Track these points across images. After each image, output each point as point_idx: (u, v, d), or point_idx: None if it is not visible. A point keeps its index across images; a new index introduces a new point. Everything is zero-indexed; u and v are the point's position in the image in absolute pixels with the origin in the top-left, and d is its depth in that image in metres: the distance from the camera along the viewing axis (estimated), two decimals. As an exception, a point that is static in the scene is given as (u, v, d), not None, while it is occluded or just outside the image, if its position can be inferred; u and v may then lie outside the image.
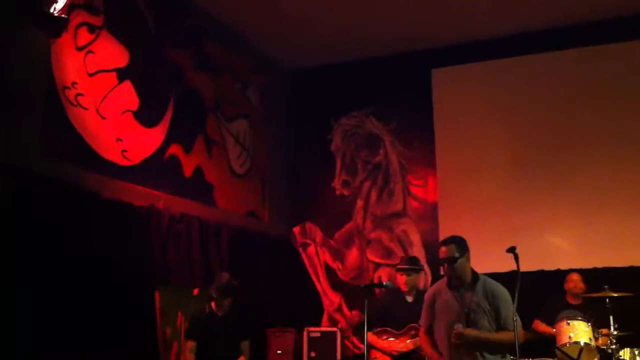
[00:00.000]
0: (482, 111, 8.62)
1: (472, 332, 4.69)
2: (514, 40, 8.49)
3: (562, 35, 8.27)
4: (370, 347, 5.94)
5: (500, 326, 4.76)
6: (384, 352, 5.88)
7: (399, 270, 6.21)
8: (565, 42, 8.28)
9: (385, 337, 5.95)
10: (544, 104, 8.32)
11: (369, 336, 5.88)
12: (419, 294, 6.04)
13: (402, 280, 6.12)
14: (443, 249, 4.82)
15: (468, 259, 4.86)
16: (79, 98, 6.02)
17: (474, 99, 8.71)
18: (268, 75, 9.33)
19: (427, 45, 8.84)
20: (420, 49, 8.92)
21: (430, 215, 8.73)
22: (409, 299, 6.08)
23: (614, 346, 6.02)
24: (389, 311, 6.06)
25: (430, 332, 5.03)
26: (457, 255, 4.77)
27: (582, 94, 8.18)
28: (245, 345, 5.97)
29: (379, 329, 5.99)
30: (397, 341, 5.85)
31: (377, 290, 8.34)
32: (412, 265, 6.21)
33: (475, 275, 4.88)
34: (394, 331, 5.92)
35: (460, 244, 4.86)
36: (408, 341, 5.81)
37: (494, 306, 4.74)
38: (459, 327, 4.70)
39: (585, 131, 8.07)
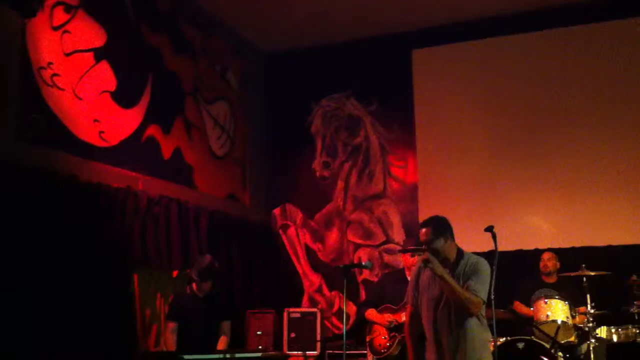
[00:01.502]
0: (462, 92, 8.62)
1: (437, 263, 4.58)
2: (494, 20, 8.48)
3: (542, 15, 8.27)
4: (372, 322, 6.03)
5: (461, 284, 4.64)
6: (379, 323, 5.97)
7: (407, 251, 6.17)
8: (546, 23, 8.28)
9: (385, 313, 6.04)
10: (524, 85, 8.34)
11: (371, 312, 6.02)
12: None
13: (412, 262, 6.07)
14: (422, 230, 4.75)
15: (450, 237, 4.76)
16: (55, 78, 5.95)
17: (454, 79, 8.70)
18: (247, 59, 9.28)
19: (407, 26, 8.80)
20: (401, 30, 8.88)
21: (410, 196, 8.75)
22: (410, 277, 6.13)
23: (590, 324, 6.09)
24: (388, 291, 6.12)
25: (416, 313, 4.91)
26: (432, 237, 4.69)
27: (562, 74, 8.20)
28: (226, 325, 5.97)
29: (381, 307, 6.06)
30: (393, 315, 5.93)
31: (361, 270, 8.43)
32: (418, 246, 6.22)
33: (459, 253, 4.80)
34: (393, 307, 6.00)
35: (439, 224, 4.75)
36: (402, 314, 5.87)
37: (466, 277, 4.64)
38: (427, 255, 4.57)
39: (565, 112, 8.11)
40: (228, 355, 5.20)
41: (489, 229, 4.76)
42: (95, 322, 5.77)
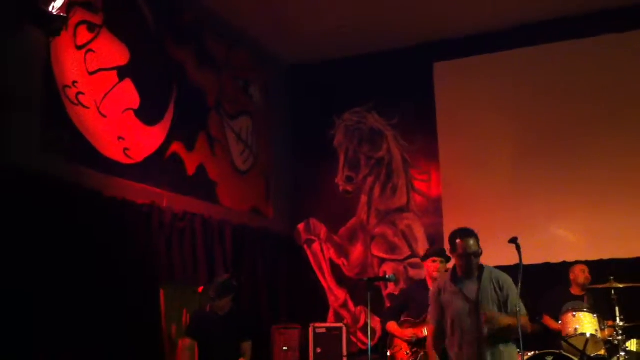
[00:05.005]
0: (484, 104, 8.58)
1: (494, 313, 4.62)
2: (515, 32, 8.44)
3: (565, 26, 8.21)
4: (393, 336, 6.03)
5: (509, 312, 4.70)
6: (401, 338, 5.93)
7: (427, 258, 6.18)
8: (569, 33, 8.22)
9: (406, 326, 6.00)
10: (548, 96, 8.27)
11: (393, 325, 6.04)
12: None
13: (434, 267, 6.08)
14: (469, 241, 4.73)
15: None
16: (80, 97, 6.00)
17: (476, 91, 8.67)
18: (269, 72, 9.31)
19: (428, 38, 8.80)
20: (422, 42, 8.88)
21: (434, 209, 8.70)
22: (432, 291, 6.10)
23: (620, 337, 5.99)
24: (412, 302, 6.09)
25: (438, 333, 4.94)
26: (480, 249, 4.75)
27: (586, 85, 8.12)
28: (246, 346, 5.95)
29: (402, 320, 6.03)
30: (413, 329, 5.90)
31: (387, 283, 8.38)
32: (443, 254, 6.20)
33: (480, 266, 4.84)
34: (414, 320, 5.98)
35: (477, 236, 4.82)
36: (425, 329, 5.83)
37: (502, 293, 4.68)
38: (484, 314, 4.61)
39: (590, 123, 8.03)
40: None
41: (513, 241, 4.75)
42: (122, 337, 5.80)
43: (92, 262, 5.67)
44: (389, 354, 6.00)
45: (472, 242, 4.75)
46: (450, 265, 5.22)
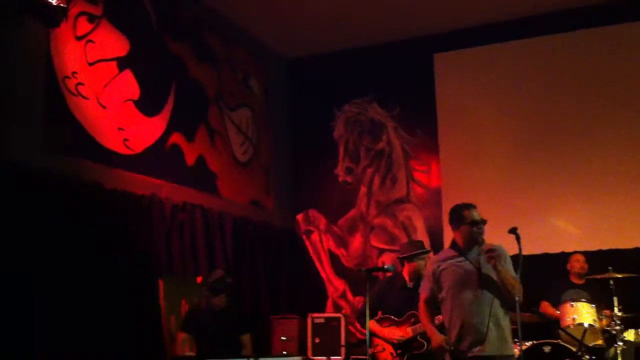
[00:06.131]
0: (484, 95, 8.59)
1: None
2: (516, 23, 8.43)
3: (566, 17, 8.20)
4: (372, 334, 5.89)
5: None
6: (385, 339, 5.86)
7: (413, 259, 6.03)
8: (570, 25, 8.21)
9: (386, 324, 5.93)
10: (548, 87, 8.28)
11: (372, 324, 5.83)
12: (419, 281, 5.85)
13: (421, 265, 5.93)
14: (475, 211, 4.92)
15: None
16: (80, 87, 6.02)
17: (476, 83, 8.67)
18: (269, 65, 9.32)
19: (429, 30, 8.79)
20: (422, 33, 8.87)
21: (434, 201, 8.71)
22: (409, 284, 6.03)
23: (618, 327, 6.02)
24: (387, 296, 6.03)
25: (431, 302, 5.01)
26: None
27: (586, 76, 8.12)
28: (245, 338, 5.99)
29: (379, 317, 5.97)
30: (397, 329, 5.83)
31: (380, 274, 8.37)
32: (416, 250, 6.12)
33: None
34: (394, 319, 5.90)
35: None
36: (408, 329, 5.79)
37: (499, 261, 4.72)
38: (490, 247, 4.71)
39: (589, 114, 8.03)
40: (252, 360, 5.20)
41: (513, 231, 4.77)
42: (122, 328, 5.83)
43: (92, 255, 5.70)
44: (369, 353, 5.85)
45: (476, 212, 4.90)
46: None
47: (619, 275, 6.15)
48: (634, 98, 7.85)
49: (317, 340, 7.86)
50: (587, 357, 5.96)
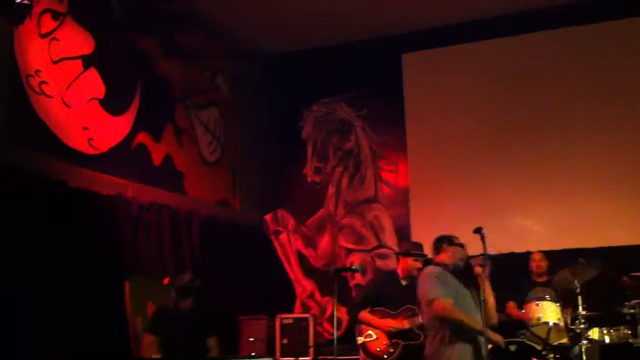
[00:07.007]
0: (452, 95, 8.63)
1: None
2: (483, 24, 8.50)
3: (532, 18, 8.28)
4: (366, 324, 5.96)
5: None
6: (380, 328, 5.89)
7: (409, 256, 6.11)
8: (537, 25, 8.30)
9: (380, 315, 5.98)
10: (514, 87, 8.36)
11: (364, 314, 5.95)
12: (413, 279, 5.96)
13: (413, 265, 6.01)
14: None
15: None
16: (43, 86, 5.93)
17: (444, 83, 8.71)
18: (238, 63, 9.26)
19: (397, 30, 8.80)
20: (390, 34, 8.88)
21: (401, 200, 8.74)
22: (404, 282, 6.09)
23: (582, 326, 6.08)
24: (385, 292, 6.08)
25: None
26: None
27: (551, 76, 8.22)
28: (212, 341, 5.94)
29: (375, 309, 6.02)
30: (393, 320, 5.88)
31: (355, 274, 8.41)
32: (414, 250, 6.19)
33: None
34: (389, 311, 5.95)
35: None
36: (405, 320, 5.84)
37: None
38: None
39: (555, 114, 8.11)
40: (219, 362, 5.16)
41: (478, 231, 4.80)
42: (86, 329, 5.74)
43: (55, 255, 5.61)
44: (359, 342, 5.96)
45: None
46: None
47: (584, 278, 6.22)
48: (598, 98, 7.96)
49: (285, 341, 7.84)
50: (552, 355, 6.02)
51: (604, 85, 7.97)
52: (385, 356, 5.83)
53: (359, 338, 5.96)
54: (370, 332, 5.94)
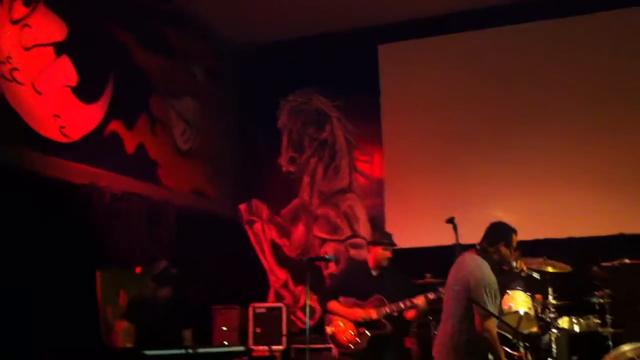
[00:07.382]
0: (428, 87, 8.67)
1: None
2: (460, 15, 8.53)
3: (508, 10, 8.34)
4: (334, 314, 6.01)
5: None
6: (347, 318, 5.93)
7: (378, 245, 6.14)
8: (512, 18, 8.35)
9: (348, 305, 6.01)
10: (489, 79, 8.40)
11: (333, 304, 6.01)
12: (383, 269, 6.08)
13: (383, 255, 6.06)
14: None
15: None
16: (14, 73, 5.87)
17: (420, 74, 8.75)
18: (214, 53, 9.22)
19: (373, 21, 8.82)
20: (367, 24, 8.90)
21: (376, 191, 8.78)
22: (374, 272, 6.12)
23: (552, 315, 6.15)
24: (354, 282, 6.10)
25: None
26: None
27: (527, 69, 8.27)
28: (187, 333, 5.92)
29: (344, 299, 6.05)
30: (361, 310, 5.91)
31: (328, 263, 8.44)
32: (383, 239, 6.21)
33: None
34: (358, 301, 5.98)
35: None
36: (372, 310, 5.88)
37: None
38: None
39: (528, 106, 8.18)
40: (191, 351, 5.14)
41: (450, 221, 4.85)
42: (57, 319, 5.70)
43: (27, 245, 5.57)
44: (328, 332, 6.01)
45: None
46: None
47: (552, 270, 6.28)
48: (571, 91, 8.03)
49: (258, 330, 7.85)
50: (522, 344, 6.08)
51: (576, 80, 8.04)
52: (352, 346, 5.89)
53: (328, 328, 6.01)
54: (339, 322, 5.99)
